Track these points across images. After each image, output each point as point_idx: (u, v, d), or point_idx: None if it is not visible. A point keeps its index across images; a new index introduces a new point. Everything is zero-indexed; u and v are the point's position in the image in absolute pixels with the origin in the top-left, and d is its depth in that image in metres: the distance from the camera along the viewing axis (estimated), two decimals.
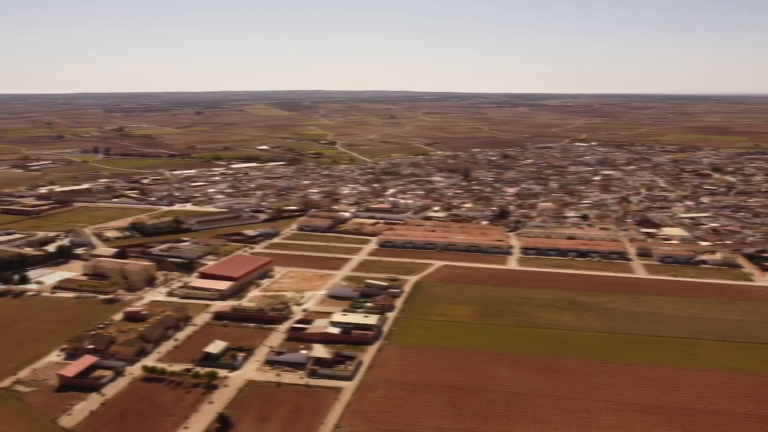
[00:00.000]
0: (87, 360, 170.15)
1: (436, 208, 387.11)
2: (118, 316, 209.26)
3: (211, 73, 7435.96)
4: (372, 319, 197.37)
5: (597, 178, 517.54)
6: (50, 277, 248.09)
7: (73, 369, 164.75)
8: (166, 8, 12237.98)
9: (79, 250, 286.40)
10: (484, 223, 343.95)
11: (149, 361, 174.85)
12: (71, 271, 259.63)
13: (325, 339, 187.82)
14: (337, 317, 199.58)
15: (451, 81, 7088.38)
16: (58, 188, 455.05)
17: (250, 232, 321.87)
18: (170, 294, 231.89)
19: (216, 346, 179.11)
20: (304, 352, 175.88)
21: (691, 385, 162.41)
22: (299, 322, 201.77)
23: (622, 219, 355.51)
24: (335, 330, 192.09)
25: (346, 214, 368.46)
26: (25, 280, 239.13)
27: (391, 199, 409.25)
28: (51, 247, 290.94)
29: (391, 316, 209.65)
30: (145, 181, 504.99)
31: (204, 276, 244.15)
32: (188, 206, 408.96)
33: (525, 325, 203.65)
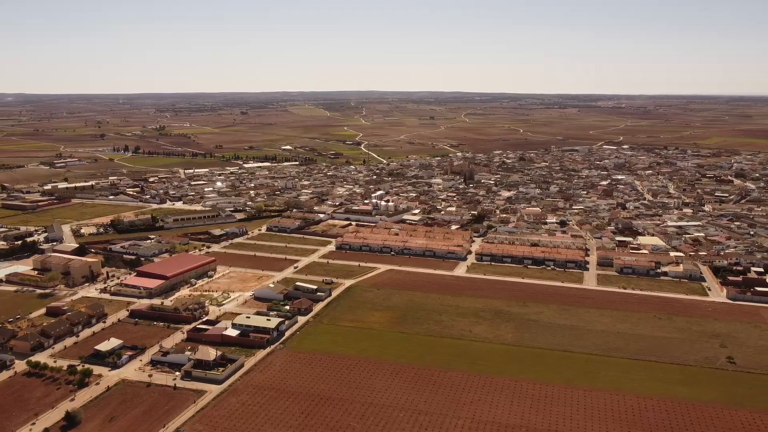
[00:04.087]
0: None
1: (415, 211, 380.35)
2: (41, 311, 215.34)
3: (270, 74, 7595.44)
4: (273, 323, 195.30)
5: (604, 182, 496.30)
6: (1, 271, 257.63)
7: None
8: (231, 10, 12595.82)
9: (45, 245, 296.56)
10: (455, 227, 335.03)
11: (42, 356, 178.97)
12: (29, 265, 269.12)
13: (222, 341, 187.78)
14: (240, 319, 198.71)
15: (504, 82, 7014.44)
16: (62, 185, 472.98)
17: (216, 231, 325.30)
18: (103, 291, 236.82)
19: (108, 344, 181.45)
20: (188, 353, 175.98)
21: (569, 405, 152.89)
22: (206, 323, 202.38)
23: (603, 226, 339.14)
24: (234, 332, 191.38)
25: (322, 215, 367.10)
26: None
27: (374, 201, 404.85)
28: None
29: (303, 319, 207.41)
30: (151, 179, 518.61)
31: (140, 274, 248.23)
32: (178, 204, 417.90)
33: (433, 335, 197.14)
